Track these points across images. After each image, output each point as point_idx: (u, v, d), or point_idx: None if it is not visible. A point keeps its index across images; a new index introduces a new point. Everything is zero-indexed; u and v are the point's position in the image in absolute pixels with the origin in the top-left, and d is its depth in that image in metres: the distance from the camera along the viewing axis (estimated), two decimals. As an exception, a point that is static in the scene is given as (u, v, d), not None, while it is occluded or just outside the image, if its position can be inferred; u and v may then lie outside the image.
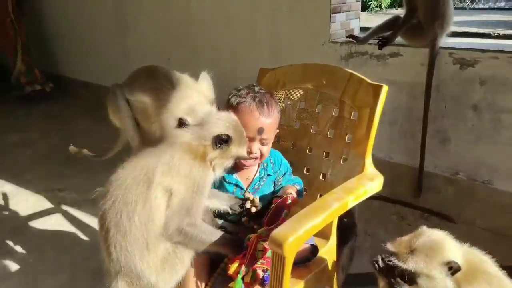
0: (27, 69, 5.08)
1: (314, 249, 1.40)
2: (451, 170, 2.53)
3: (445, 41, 2.42)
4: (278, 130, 1.51)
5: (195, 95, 1.51)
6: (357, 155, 1.40)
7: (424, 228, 1.19)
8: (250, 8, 3.20)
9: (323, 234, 1.44)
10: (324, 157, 1.54)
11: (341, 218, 1.42)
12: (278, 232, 1.04)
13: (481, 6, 6.65)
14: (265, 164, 1.51)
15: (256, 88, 1.46)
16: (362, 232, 2.40)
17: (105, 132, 3.85)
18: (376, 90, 1.37)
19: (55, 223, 2.70)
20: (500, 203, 2.36)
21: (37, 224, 2.71)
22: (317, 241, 1.42)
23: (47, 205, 2.93)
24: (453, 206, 2.53)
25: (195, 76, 1.76)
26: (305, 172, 1.60)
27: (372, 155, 1.40)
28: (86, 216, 2.74)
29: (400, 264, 1.10)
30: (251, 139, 1.39)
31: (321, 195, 1.54)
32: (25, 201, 2.98)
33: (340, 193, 1.20)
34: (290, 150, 1.63)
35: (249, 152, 1.39)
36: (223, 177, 1.43)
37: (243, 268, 1.17)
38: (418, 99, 2.48)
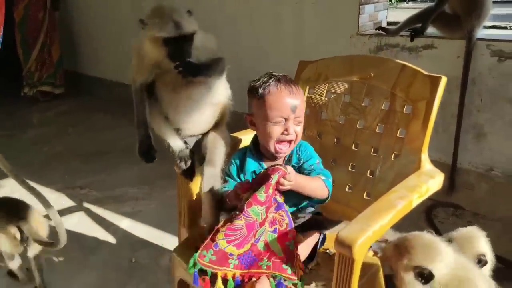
0: (40, 68, 4.87)
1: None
2: (485, 166, 2.45)
3: (482, 32, 2.34)
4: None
5: None
6: (412, 151, 1.32)
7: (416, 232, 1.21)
8: (274, 1, 3.12)
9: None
10: (372, 153, 1.47)
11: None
12: (345, 233, 0.97)
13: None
14: (290, 155, 1.40)
15: (275, 73, 1.39)
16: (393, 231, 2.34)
17: (124, 128, 3.82)
18: (434, 82, 1.29)
19: (78, 221, 2.63)
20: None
21: (60, 223, 2.65)
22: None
23: (69, 203, 2.86)
24: (487, 203, 2.45)
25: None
26: (350, 169, 1.53)
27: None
28: (109, 214, 2.68)
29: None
30: (287, 120, 1.31)
31: (368, 193, 1.48)
32: (45, 200, 2.93)
33: (403, 191, 1.13)
34: (333, 147, 1.56)
35: (287, 134, 1.32)
36: (249, 169, 1.39)
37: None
38: (453, 93, 2.39)
